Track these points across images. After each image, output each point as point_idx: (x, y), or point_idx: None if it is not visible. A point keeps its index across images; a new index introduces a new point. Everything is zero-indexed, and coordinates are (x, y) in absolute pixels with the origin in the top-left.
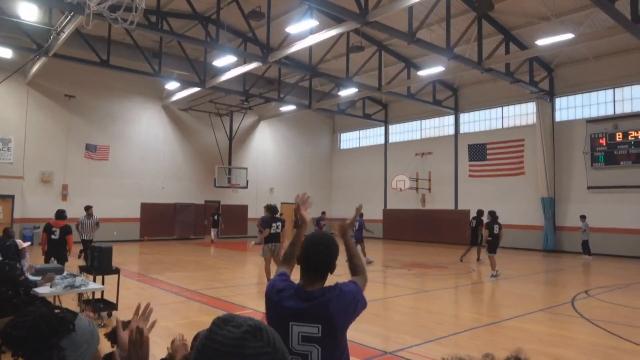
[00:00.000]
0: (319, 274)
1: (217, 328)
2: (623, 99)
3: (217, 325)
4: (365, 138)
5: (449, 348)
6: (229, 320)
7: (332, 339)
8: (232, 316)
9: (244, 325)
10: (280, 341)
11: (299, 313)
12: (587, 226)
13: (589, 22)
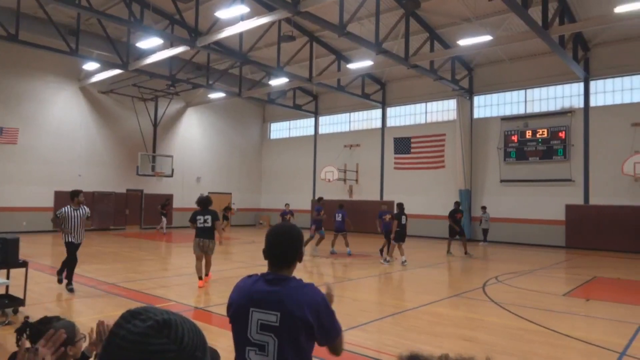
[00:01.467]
0: (284, 262)
1: (124, 322)
2: (533, 99)
3: (124, 318)
4: (295, 129)
5: (370, 334)
6: (139, 314)
7: (290, 334)
8: (145, 309)
9: (151, 319)
10: (194, 339)
11: (259, 298)
12: (488, 216)
13: (506, 26)
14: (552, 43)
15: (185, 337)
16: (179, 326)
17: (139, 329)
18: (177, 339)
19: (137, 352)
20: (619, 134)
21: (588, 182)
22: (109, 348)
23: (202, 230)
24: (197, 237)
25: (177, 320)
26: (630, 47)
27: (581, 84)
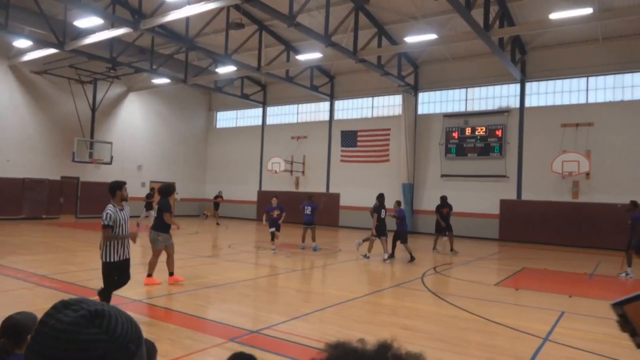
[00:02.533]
0: None
1: (55, 311)
2: (474, 98)
3: (55, 308)
4: (242, 118)
5: (312, 324)
6: (71, 304)
7: None
8: (78, 300)
9: (83, 309)
10: (128, 330)
11: None
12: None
13: (450, 26)
14: (492, 45)
15: (118, 328)
16: (112, 317)
17: (70, 319)
18: (110, 329)
19: (66, 341)
20: (550, 133)
21: (521, 178)
22: (38, 338)
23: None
24: (156, 231)
25: (110, 311)
26: (563, 52)
27: (518, 85)
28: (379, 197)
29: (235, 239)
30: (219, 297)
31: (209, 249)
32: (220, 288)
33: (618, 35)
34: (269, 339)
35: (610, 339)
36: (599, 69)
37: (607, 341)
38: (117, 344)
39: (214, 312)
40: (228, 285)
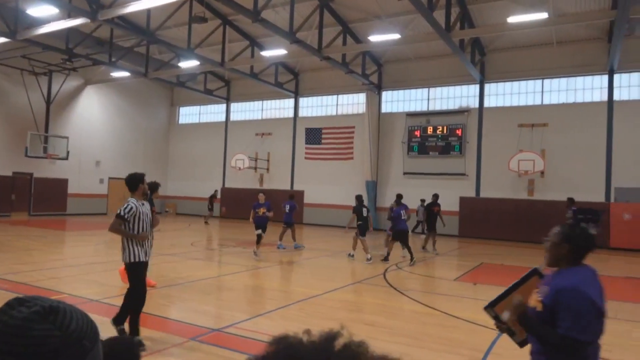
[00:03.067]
0: None
1: (8, 308)
2: (435, 98)
3: (8, 305)
4: (205, 114)
5: (275, 321)
6: (25, 301)
7: None
8: (33, 297)
9: (37, 305)
10: (83, 327)
11: None
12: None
13: (413, 26)
14: (453, 46)
15: (72, 325)
16: (66, 313)
17: (23, 315)
18: (63, 325)
19: (18, 337)
20: (507, 133)
21: (480, 176)
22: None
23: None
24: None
25: (65, 308)
26: (520, 55)
27: (477, 85)
28: (357, 197)
29: (198, 237)
30: (180, 296)
31: (170, 247)
32: (181, 287)
33: (571, 40)
34: (231, 337)
35: None
36: (553, 71)
37: None
38: (71, 340)
39: (175, 311)
40: (190, 283)
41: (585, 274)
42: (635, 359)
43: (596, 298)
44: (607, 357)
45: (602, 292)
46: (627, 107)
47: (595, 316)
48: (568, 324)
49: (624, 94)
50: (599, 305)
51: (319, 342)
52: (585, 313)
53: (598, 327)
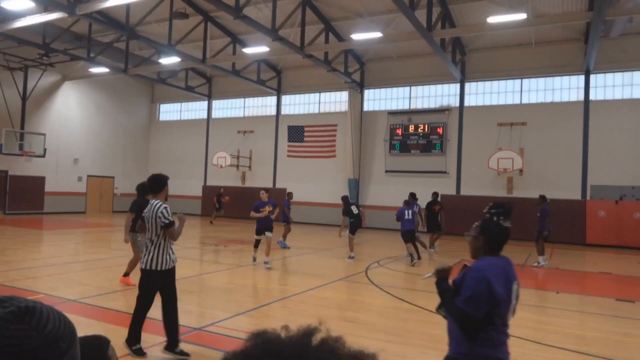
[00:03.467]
0: None
1: None
2: (417, 96)
3: None
4: (187, 111)
5: (257, 319)
6: (2, 301)
7: None
8: (10, 297)
9: (13, 305)
10: (60, 328)
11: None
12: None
13: (395, 25)
14: (435, 45)
15: (48, 325)
16: (43, 314)
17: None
18: (39, 326)
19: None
20: (487, 132)
21: (460, 174)
22: None
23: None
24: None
25: (42, 308)
26: (499, 55)
27: (458, 85)
28: (343, 199)
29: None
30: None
31: None
32: None
33: (549, 41)
34: (213, 336)
35: (538, 325)
36: (532, 71)
37: (535, 327)
38: (47, 341)
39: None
40: None
41: (495, 262)
42: (608, 351)
43: (495, 283)
44: (583, 351)
45: (510, 280)
46: (602, 107)
47: (489, 298)
48: (464, 298)
49: (599, 94)
50: (496, 290)
51: (296, 337)
52: (480, 292)
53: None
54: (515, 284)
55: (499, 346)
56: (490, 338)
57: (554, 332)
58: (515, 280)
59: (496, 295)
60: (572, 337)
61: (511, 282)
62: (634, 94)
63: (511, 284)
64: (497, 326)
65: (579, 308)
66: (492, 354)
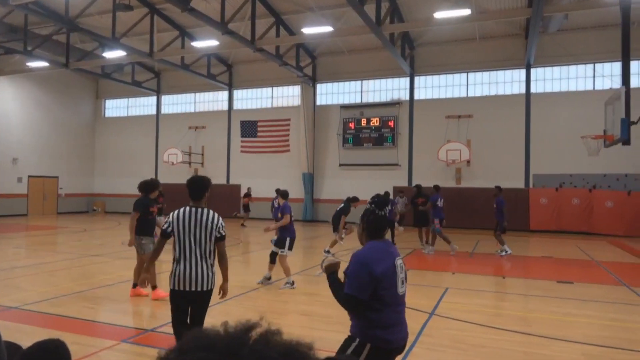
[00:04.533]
0: None
1: None
2: (368, 90)
3: None
4: (135, 107)
5: (213, 317)
6: None
7: None
8: None
9: None
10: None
11: None
12: (406, 201)
13: (345, 20)
14: (384, 39)
15: None
16: None
17: None
18: None
19: None
20: (436, 124)
21: (412, 166)
22: None
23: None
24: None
25: None
26: (446, 50)
27: (408, 78)
28: (346, 200)
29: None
30: (109, 298)
31: (99, 247)
32: (111, 288)
33: (492, 36)
34: (166, 336)
35: (487, 310)
36: (477, 65)
37: (485, 312)
38: None
39: (105, 314)
40: (120, 284)
41: (375, 245)
42: (550, 330)
43: (374, 264)
44: (527, 331)
45: (391, 257)
46: (542, 100)
47: (370, 279)
48: (348, 283)
49: (539, 87)
50: (375, 270)
51: (234, 333)
52: (361, 275)
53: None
54: (398, 259)
55: (391, 327)
56: (384, 319)
57: (501, 315)
58: (397, 256)
59: (376, 274)
60: (517, 319)
61: (393, 259)
62: (570, 87)
63: (393, 260)
64: (391, 306)
65: (523, 291)
66: (384, 334)
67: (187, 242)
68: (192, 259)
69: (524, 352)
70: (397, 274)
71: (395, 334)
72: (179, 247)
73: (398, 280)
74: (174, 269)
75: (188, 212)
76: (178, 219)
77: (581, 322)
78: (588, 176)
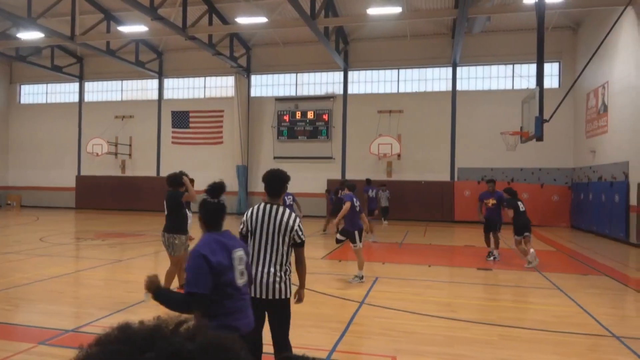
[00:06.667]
0: None
1: None
2: (303, 83)
3: None
4: (54, 93)
5: (138, 316)
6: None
7: None
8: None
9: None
10: None
11: None
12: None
13: (280, 11)
14: (319, 33)
15: None
16: None
17: None
18: None
19: None
20: (369, 119)
21: (345, 159)
22: None
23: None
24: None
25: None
26: (378, 46)
27: (342, 73)
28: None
29: (49, 231)
30: (26, 298)
31: (15, 244)
32: (28, 287)
33: (422, 34)
34: (89, 336)
35: (415, 297)
36: (407, 62)
37: (412, 299)
38: None
39: (21, 315)
40: (39, 283)
41: (209, 237)
42: (475, 316)
43: (211, 255)
44: (453, 317)
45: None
46: (467, 97)
47: (210, 270)
48: (188, 280)
49: (464, 85)
50: (212, 261)
51: (158, 326)
52: (200, 267)
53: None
54: (238, 251)
55: (234, 314)
56: (223, 307)
57: (428, 301)
58: (237, 248)
59: (214, 264)
60: (443, 305)
61: (231, 251)
62: (492, 85)
63: (231, 252)
64: (230, 295)
65: (448, 279)
66: (226, 321)
67: (262, 244)
68: (260, 262)
69: (448, 336)
70: (235, 266)
71: (240, 320)
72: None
73: (236, 272)
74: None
75: (262, 210)
76: (252, 217)
77: (498, 306)
78: (507, 170)
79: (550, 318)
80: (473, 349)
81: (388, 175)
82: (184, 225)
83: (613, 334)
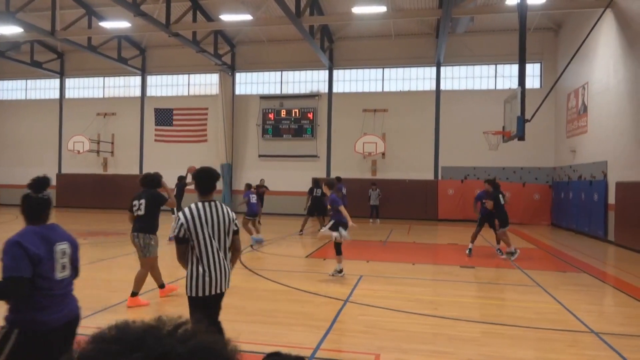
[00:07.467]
0: None
1: None
2: (288, 81)
3: None
4: (34, 90)
5: (122, 315)
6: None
7: None
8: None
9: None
10: None
11: None
12: (378, 193)
13: (265, 9)
14: (304, 31)
15: None
16: None
17: None
18: None
19: None
20: (354, 117)
21: (330, 158)
22: None
23: (136, 220)
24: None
25: None
26: (364, 45)
27: (327, 71)
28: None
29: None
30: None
31: None
32: None
33: (406, 34)
34: None
35: (399, 295)
36: (392, 61)
37: (396, 297)
38: None
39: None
40: None
41: (29, 230)
42: (457, 312)
43: (30, 244)
44: (436, 314)
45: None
46: (450, 97)
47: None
48: (5, 266)
49: (448, 84)
50: (30, 250)
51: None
52: (16, 254)
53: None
54: (61, 244)
55: (46, 309)
56: (36, 302)
57: (412, 299)
58: (60, 241)
59: (32, 254)
60: (426, 302)
61: (53, 244)
62: (475, 85)
63: (53, 245)
64: (43, 290)
65: (431, 276)
66: (37, 316)
67: (209, 241)
68: (216, 258)
69: (432, 334)
70: (56, 259)
71: (52, 314)
72: (199, 249)
73: (57, 265)
74: (199, 273)
75: (202, 209)
76: (192, 218)
77: (481, 303)
78: (489, 169)
79: (531, 314)
80: (456, 345)
81: (373, 173)
82: (157, 225)
83: (592, 330)
